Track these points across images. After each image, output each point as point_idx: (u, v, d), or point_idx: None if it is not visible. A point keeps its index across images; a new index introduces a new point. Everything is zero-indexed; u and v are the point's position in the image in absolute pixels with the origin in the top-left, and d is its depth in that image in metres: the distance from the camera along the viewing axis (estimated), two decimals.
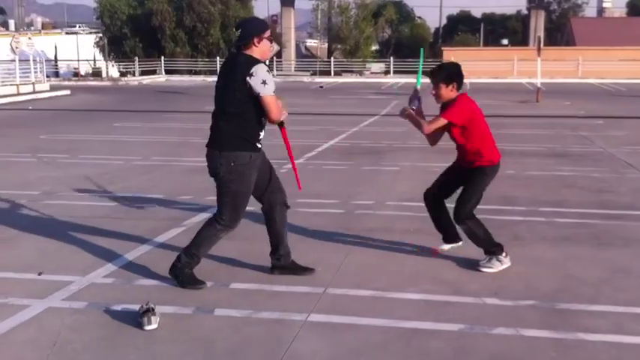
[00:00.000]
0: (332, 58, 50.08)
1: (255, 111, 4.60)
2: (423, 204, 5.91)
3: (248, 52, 4.61)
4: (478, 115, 5.20)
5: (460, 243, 5.45)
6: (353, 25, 51.31)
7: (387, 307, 4.44)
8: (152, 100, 24.14)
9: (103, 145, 12.26)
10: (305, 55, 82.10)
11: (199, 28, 44.75)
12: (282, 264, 5.09)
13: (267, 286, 4.84)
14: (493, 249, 5.23)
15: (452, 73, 5.21)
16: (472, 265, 5.29)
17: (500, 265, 5.18)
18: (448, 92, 5.21)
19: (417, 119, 5.34)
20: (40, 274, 5.12)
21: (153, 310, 4.13)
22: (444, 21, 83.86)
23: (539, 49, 24.33)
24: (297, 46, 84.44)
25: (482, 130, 5.22)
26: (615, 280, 4.96)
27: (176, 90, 29.98)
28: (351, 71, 48.62)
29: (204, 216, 6.88)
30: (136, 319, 4.14)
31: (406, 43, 74.11)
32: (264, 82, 4.48)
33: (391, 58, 50.54)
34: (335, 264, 5.33)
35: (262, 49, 4.64)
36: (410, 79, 40.90)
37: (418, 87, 5.42)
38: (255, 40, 4.58)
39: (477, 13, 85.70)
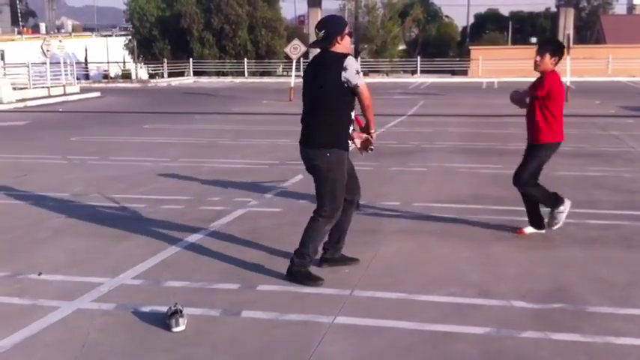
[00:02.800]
0: (359, 58, 50.00)
1: (347, 107, 4.84)
2: (451, 205, 5.92)
3: (333, 49, 4.79)
4: (557, 95, 5.85)
5: (543, 231, 6.10)
6: (380, 25, 51.17)
7: (414, 310, 4.44)
8: (180, 102, 24.34)
9: (132, 147, 12.39)
10: None
11: (227, 29, 44.94)
12: (335, 258, 5.30)
13: (294, 288, 4.86)
14: (554, 204, 5.99)
15: (558, 48, 5.92)
16: (499, 267, 5.26)
17: (563, 214, 5.99)
18: (549, 63, 5.85)
19: (520, 93, 6.12)
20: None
21: (181, 311, 4.18)
22: (472, 19, 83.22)
23: (568, 48, 23.98)
24: None
25: (553, 110, 5.85)
26: None
27: (204, 92, 30.17)
28: (378, 71, 48.51)
29: (232, 217, 6.94)
30: (164, 321, 4.18)
31: (433, 43, 73.80)
32: (357, 72, 4.70)
33: (418, 58, 50.32)
34: (362, 266, 5.33)
35: (345, 44, 4.84)
36: (437, 79, 40.69)
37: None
38: (339, 38, 4.79)
39: (505, 11, 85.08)
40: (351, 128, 5.06)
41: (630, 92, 26.61)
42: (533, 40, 64.24)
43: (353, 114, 5.01)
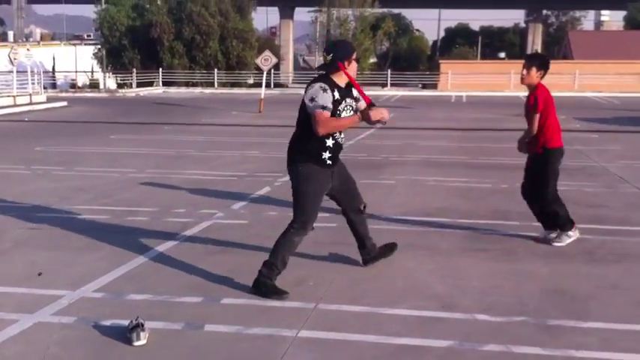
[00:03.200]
0: None
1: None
2: (418, 217, 5.97)
3: (334, 74, 4.90)
4: (551, 104, 6.17)
5: (554, 235, 6.30)
6: (351, 38, 51.41)
7: (378, 323, 4.44)
8: (149, 112, 24.17)
9: (98, 158, 12.26)
10: (303, 68, 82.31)
11: (198, 40, 44.83)
12: (372, 256, 5.59)
13: (258, 301, 4.83)
14: (565, 224, 6.19)
15: (544, 63, 6.17)
16: (464, 280, 5.29)
17: (569, 239, 6.19)
18: (534, 76, 6.13)
19: (523, 137, 6.38)
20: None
21: (142, 325, 4.12)
22: (442, 34, 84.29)
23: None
24: (296, 59, 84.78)
25: (548, 118, 6.19)
26: (606, 296, 4.95)
27: (173, 102, 30.02)
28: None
29: (198, 229, 6.89)
30: (125, 335, 4.12)
31: (404, 56, 74.45)
32: (312, 100, 4.79)
33: (389, 71, 50.66)
34: (327, 279, 5.32)
35: (351, 69, 4.94)
36: (407, 92, 41.01)
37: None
38: (345, 63, 4.87)
39: (475, 26, 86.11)
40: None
41: (596, 107, 27.08)
42: (502, 54, 65.26)
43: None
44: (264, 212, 7.71)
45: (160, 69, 43.03)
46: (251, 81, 46.34)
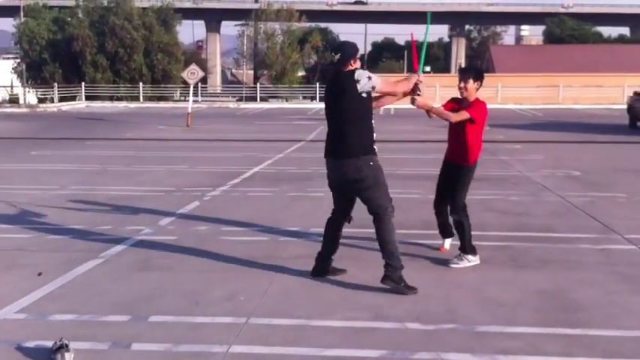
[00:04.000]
0: (258, 84, 50.15)
1: (370, 115, 5.33)
2: (348, 229, 6.00)
3: (348, 69, 5.27)
4: (485, 118, 6.16)
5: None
6: (279, 51, 51.57)
7: (311, 336, 4.41)
8: (71, 127, 23.53)
9: (19, 175, 11.82)
10: (231, 81, 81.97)
11: (122, 53, 44.05)
12: (328, 268, 5.69)
13: (187, 317, 4.74)
14: (468, 248, 6.08)
15: (480, 73, 6.22)
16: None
17: (468, 262, 6.04)
18: (473, 89, 6.10)
19: (442, 110, 6.07)
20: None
21: (67, 346, 3.98)
22: (369, 48, 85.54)
23: None
24: (223, 72, 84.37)
25: (481, 132, 6.17)
26: (532, 302, 5.07)
27: (97, 117, 29.33)
28: (278, 97, 48.77)
29: (124, 246, 6.71)
30: (50, 357, 3.97)
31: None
32: (369, 78, 5.18)
33: (317, 84, 50.93)
34: (258, 292, 5.26)
35: (357, 65, 5.34)
36: None
37: (421, 74, 5.73)
38: (352, 61, 5.28)
39: (401, 40, 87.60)
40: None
41: (518, 119, 27.93)
42: (428, 68, 66.50)
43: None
44: (193, 227, 7.58)
45: (83, 83, 42.03)
46: (178, 95, 45.87)
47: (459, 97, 6.18)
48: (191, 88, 25.34)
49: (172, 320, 4.70)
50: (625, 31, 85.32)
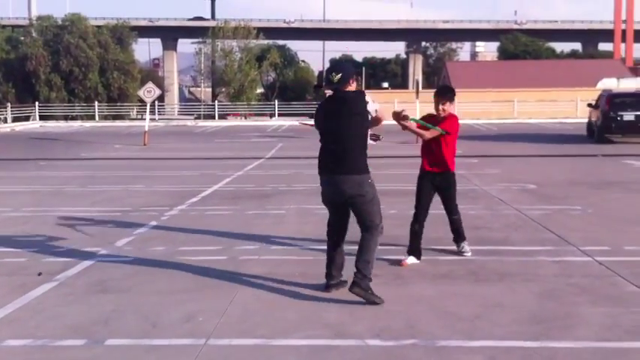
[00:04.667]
0: (216, 101, 49.99)
1: (367, 135, 5.62)
2: (309, 247, 5.98)
3: (348, 89, 5.51)
4: (458, 129, 6.77)
5: (419, 261, 6.67)
6: (237, 69, 51.54)
7: (272, 355, 4.36)
8: (25, 148, 23.11)
9: None
10: (189, 99, 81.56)
11: (77, 72, 43.56)
12: (338, 281, 5.75)
13: (145, 340, 4.64)
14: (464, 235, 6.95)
15: (454, 94, 6.84)
16: (355, 306, 5.31)
17: (469, 247, 6.95)
18: (451, 107, 6.69)
19: (417, 130, 6.64)
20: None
21: None
22: (327, 64, 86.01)
23: (417, 92, 25.31)
24: (181, 90, 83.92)
25: (455, 142, 6.80)
26: (491, 315, 5.11)
27: (51, 136, 28.86)
28: (236, 114, 48.67)
29: (80, 268, 6.57)
30: None
31: (291, 86, 75.31)
32: (373, 101, 5.50)
33: (276, 101, 51.02)
34: (217, 313, 5.19)
35: (355, 85, 5.61)
36: (295, 122, 41.41)
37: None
38: (351, 81, 5.52)
39: (359, 57, 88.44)
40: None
41: (475, 133, 28.31)
42: (385, 84, 67.19)
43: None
44: (151, 248, 7.47)
45: (37, 103, 41.34)
46: (134, 113, 45.43)
47: (435, 114, 6.75)
48: (148, 107, 25.14)
49: (129, 343, 4.60)
50: (577, 46, 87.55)
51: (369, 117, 5.49)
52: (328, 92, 5.79)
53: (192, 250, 7.29)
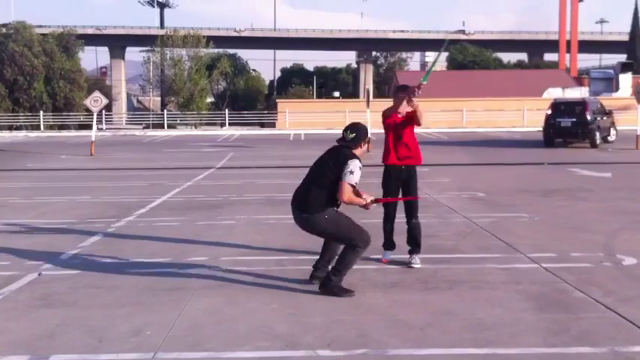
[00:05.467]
0: (165, 110, 49.48)
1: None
2: (260, 257, 5.93)
3: (354, 150, 5.99)
4: None
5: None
6: (187, 78, 51.12)
7: None
8: None
9: None
10: (137, 108, 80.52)
11: (21, 81, 42.60)
12: (322, 275, 6.06)
13: (91, 355, 4.52)
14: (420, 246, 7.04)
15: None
16: (306, 317, 5.28)
17: (419, 260, 6.95)
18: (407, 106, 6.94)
19: (420, 110, 6.89)
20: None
21: None
22: (278, 74, 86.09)
23: (368, 101, 25.47)
24: (129, 99, 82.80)
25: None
26: (441, 323, 5.13)
27: None
28: (186, 124, 48.26)
29: (23, 283, 6.38)
30: None
31: (242, 96, 75.07)
32: (351, 173, 5.79)
33: (226, 111, 50.78)
34: (166, 326, 5.09)
35: (363, 150, 6.09)
36: (246, 131, 41.31)
37: (424, 82, 6.80)
38: (362, 143, 6.05)
39: (310, 66, 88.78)
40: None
41: (425, 142, 28.64)
42: (337, 93, 67.54)
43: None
44: (97, 260, 7.31)
45: None
46: (80, 123, 44.65)
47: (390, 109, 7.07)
48: (94, 116, 24.72)
49: (75, 358, 4.47)
50: (523, 56, 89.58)
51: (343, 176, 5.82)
52: None
53: (140, 263, 7.16)
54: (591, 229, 8.86)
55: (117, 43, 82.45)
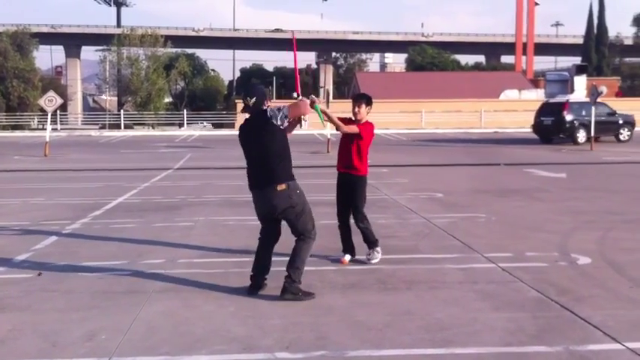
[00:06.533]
0: (122, 110, 48.81)
1: (288, 145, 5.84)
2: (218, 259, 5.85)
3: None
4: (372, 135, 7.10)
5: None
6: (144, 77, 50.48)
7: None
8: None
9: None
10: (93, 108, 79.30)
11: None
12: (263, 283, 6.05)
13: None
14: (375, 242, 7.07)
15: (370, 100, 7.13)
16: (265, 319, 5.24)
17: (379, 255, 7.06)
18: (365, 112, 7.03)
19: (335, 119, 6.83)
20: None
21: None
22: (238, 74, 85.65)
23: (327, 102, 25.51)
24: (85, 99, 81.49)
25: (367, 149, 7.09)
26: (400, 323, 5.14)
27: None
28: (144, 124, 47.69)
29: None
30: None
31: (200, 96, 74.51)
32: (279, 109, 5.69)
33: (185, 111, 50.35)
34: (121, 330, 5.00)
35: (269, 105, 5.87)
36: (205, 132, 40.98)
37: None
38: (266, 101, 5.85)
39: (269, 66, 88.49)
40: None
41: (384, 143, 28.78)
42: (295, 95, 67.45)
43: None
44: (50, 264, 7.14)
45: None
46: (35, 123, 43.81)
47: (352, 118, 7.05)
48: (49, 116, 24.25)
49: None
50: (481, 58, 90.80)
51: (285, 127, 5.74)
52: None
53: (95, 266, 7.02)
54: (547, 228, 9.00)
55: (72, 42, 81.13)
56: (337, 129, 6.99)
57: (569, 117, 26.35)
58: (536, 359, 4.45)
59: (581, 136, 26.15)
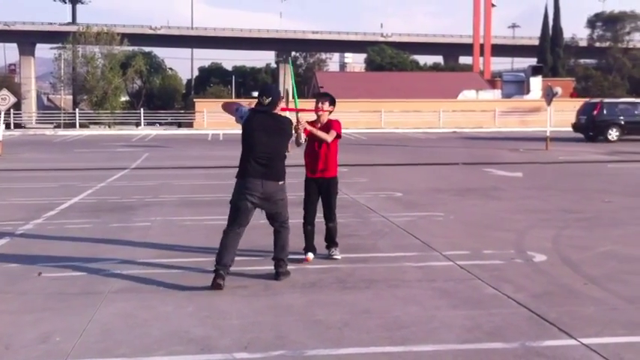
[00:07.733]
0: (77, 109, 48.00)
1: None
2: (175, 259, 5.77)
3: (277, 111, 6.32)
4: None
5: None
6: (100, 76, 49.72)
7: None
8: None
9: None
10: (48, 107, 77.84)
11: None
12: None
13: None
14: (337, 243, 7.29)
15: (333, 99, 7.26)
16: (223, 319, 5.19)
17: (339, 253, 7.25)
18: (330, 109, 7.16)
19: (320, 133, 7.01)
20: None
21: None
22: (196, 72, 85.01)
23: (287, 101, 25.43)
24: (39, 97, 79.95)
25: (337, 148, 7.31)
26: (359, 322, 5.14)
27: None
28: (99, 123, 47.01)
29: None
30: None
31: (158, 95, 73.75)
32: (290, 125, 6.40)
33: (142, 110, 49.77)
34: (76, 332, 4.90)
35: (280, 108, 6.38)
36: (162, 131, 40.57)
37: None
38: (279, 103, 6.30)
39: (228, 65, 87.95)
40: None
41: (343, 142, 28.81)
42: (255, 93, 67.23)
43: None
44: (3, 265, 6.97)
45: None
46: None
47: (313, 120, 7.16)
48: (2, 115, 23.69)
49: None
50: (439, 59, 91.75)
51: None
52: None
53: (49, 267, 6.87)
54: (503, 227, 9.12)
55: (26, 40, 79.51)
56: (324, 140, 7.09)
57: (601, 116, 27.98)
58: (493, 356, 4.49)
59: (613, 134, 27.87)
